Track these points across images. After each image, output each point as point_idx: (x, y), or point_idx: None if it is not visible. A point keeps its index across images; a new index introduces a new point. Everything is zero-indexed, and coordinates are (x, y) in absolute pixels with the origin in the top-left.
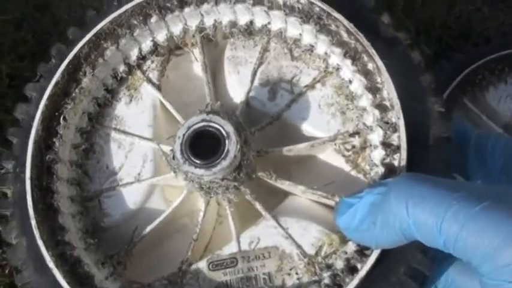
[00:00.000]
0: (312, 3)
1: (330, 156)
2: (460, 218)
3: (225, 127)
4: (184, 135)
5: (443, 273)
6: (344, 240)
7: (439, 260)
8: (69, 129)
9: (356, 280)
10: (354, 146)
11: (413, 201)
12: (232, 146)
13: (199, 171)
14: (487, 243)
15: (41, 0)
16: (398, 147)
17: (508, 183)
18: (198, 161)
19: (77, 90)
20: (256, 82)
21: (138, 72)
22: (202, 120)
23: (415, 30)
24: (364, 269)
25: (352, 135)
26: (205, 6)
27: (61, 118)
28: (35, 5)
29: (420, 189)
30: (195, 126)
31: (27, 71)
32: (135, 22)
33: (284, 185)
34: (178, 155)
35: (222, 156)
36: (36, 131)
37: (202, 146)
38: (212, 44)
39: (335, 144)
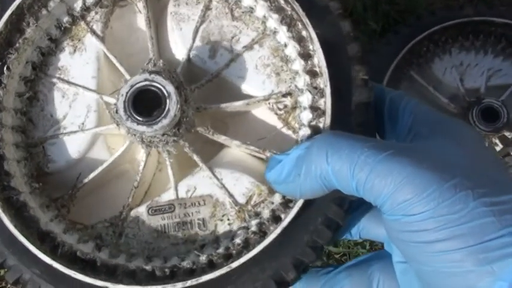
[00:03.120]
0: None
1: (264, 114)
2: (370, 162)
3: (167, 87)
4: (127, 93)
5: (356, 222)
6: (272, 191)
7: (353, 211)
8: (13, 78)
9: (279, 229)
10: (285, 106)
11: (332, 150)
12: (173, 105)
13: (141, 128)
14: (389, 183)
15: None
16: (324, 112)
17: (412, 141)
18: (140, 119)
19: (20, 41)
20: (197, 40)
21: (82, 23)
22: (145, 80)
23: (362, 6)
24: (286, 219)
25: (284, 95)
26: None
27: (4, 68)
28: None
29: (338, 141)
30: (138, 85)
31: None
32: None
33: (220, 139)
34: (121, 112)
35: (163, 114)
36: None
37: (144, 102)
38: None
39: (269, 103)
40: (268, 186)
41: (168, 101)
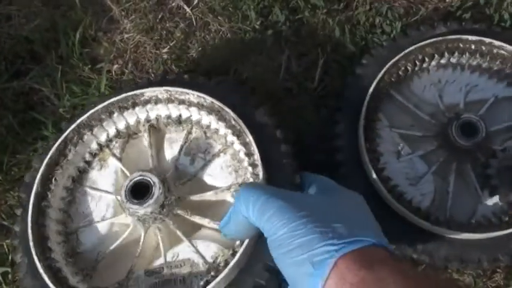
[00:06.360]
0: (213, 102)
1: (229, 200)
2: (259, 200)
3: (153, 179)
4: (127, 185)
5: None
6: (233, 253)
7: None
8: (58, 187)
9: (226, 270)
10: None
11: (243, 195)
12: (156, 191)
13: (135, 207)
14: (266, 214)
15: None
16: None
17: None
18: (135, 200)
19: (64, 161)
20: (182, 154)
21: (107, 150)
22: (140, 175)
23: (340, 30)
24: (232, 262)
25: (240, 185)
26: (149, 106)
27: (53, 179)
28: None
29: (249, 188)
30: (135, 179)
31: None
32: (103, 117)
33: (195, 218)
34: (123, 197)
35: (150, 197)
36: (36, 187)
37: (141, 193)
38: (157, 130)
39: (230, 191)
40: (230, 248)
41: (153, 187)
